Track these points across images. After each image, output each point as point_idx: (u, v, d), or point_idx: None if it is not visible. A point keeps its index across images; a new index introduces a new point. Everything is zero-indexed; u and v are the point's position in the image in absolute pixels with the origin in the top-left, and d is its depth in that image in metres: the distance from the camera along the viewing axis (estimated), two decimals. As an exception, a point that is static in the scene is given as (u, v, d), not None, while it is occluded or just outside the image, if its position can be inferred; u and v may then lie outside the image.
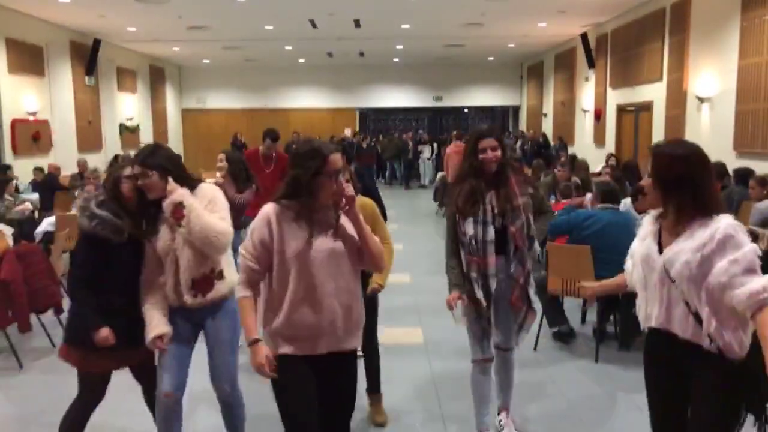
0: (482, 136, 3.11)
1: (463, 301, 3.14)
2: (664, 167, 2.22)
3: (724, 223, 2.12)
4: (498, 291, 3.17)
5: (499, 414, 3.56)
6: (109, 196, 2.91)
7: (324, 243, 2.38)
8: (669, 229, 2.28)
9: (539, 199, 3.31)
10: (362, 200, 3.52)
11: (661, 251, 2.27)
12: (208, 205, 2.90)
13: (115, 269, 2.88)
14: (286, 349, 2.40)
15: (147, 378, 3.13)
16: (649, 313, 2.34)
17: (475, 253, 3.09)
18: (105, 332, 2.81)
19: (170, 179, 2.83)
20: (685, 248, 2.17)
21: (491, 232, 3.08)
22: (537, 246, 3.19)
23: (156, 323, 2.85)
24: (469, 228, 3.09)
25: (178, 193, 2.81)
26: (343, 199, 2.37)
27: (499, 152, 3.09)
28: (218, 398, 3.14)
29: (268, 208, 2.41)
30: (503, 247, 3.13)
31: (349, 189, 2.39)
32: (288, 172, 2.44)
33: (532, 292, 3.23)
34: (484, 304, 3.13)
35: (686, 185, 2.18)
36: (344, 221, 2.45)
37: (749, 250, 2.08)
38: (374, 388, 3.85)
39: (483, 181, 3.11)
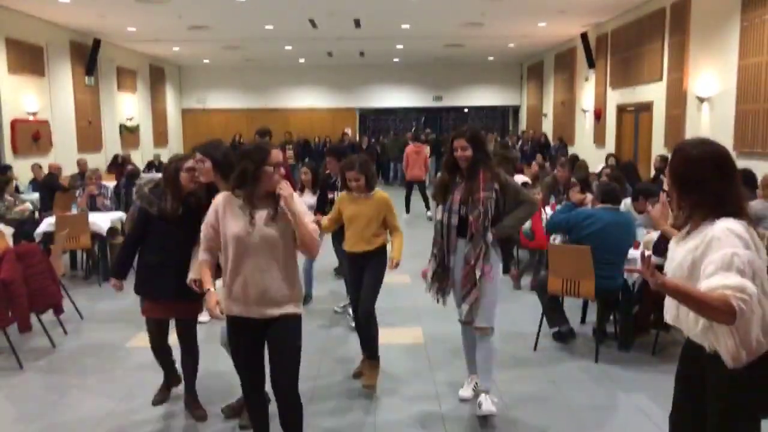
0: (455, 137, 3.62)
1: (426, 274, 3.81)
2: (679, 167, 2.21)
3: (719, 226, 2.07)
4: (456, 268, 3.67)
5: (478, 397, 3.73)
6: (167, 181, 3.64)
7: (261, 227, 2.81)
8: (685, 228, 2.27)
9: (513, 191, 3.65)
10: (379, 194, 4.21)
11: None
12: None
13: (152, 236, 3.67)
14: (229, 309, 2.90)
15: (185, 337, 3.74)
16: (667, 308, 2.31)
17: (440, 236, 3.68)
18: (112, 282, 3.77)
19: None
20: (683, 249, 2.16)
21: (455, 219, 3.60)
22: (489, 235, 3.57)
23: (194, 270, 3.37)
24: (438, 214, 3.70)
25: (287, 191, 3.15)
26: (278, 189, 2.78)
27: (468, 152, 3.55)
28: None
29: (220, 197, 2.92)
30: (464, 231, 3.59)
31: (284, 185, 2.80)
32: (236, 166, 2.87)
33: (479, 273, 3.58)
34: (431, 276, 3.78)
35: (697, 186, 2.14)
36: (286, 210, 2.85)
37: (730, 252, 1.98)
38: (369, 355, 4.24)
39: (459, 174, 3.63)
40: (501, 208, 3.59)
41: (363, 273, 4.21)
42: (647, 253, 2.14)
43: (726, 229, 2.04)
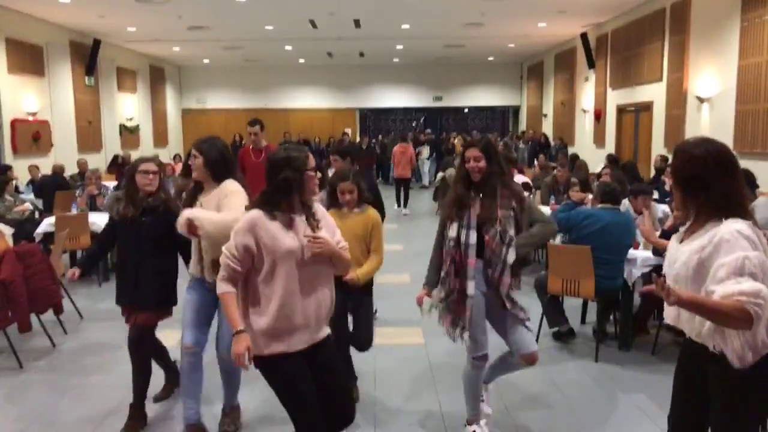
0: (468, 146, 3.28)
1: (428, 299, 3.44)
2: (682, 166, 2.19)
3: (726, 227, 2.05)
4: (476, 294, 3.30)
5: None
6: (126, 184, 3.62)
7: (303, 239, 2.55)
8: (689, 228, 2.26)
9: (529, 211, 3.32)
10: (369, 211, 3.84)
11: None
12: (224, 199, 3.21)
13: (119, 241, 3.69)
14: (274, 348, 2.52)
15: (136, 344, 3.60)
16: (670, 311, 2.29)
17: (452, 253, 3.27)
18: (70, 271, 3.71)
19: (186, 215, 3.15)
20: (688, 249, 2.15)
21: (473, 237, 3.23)
22: (510, 256, 3.22)
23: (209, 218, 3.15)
24: (453, 231, 3.28)
25: (184, 213, 3.15)
26: (314, 244, 2.53)
27: (482, 163, 3.20)
28: (219, 365, 3.54)
29: (254, 214, 2.54)
30: (482, 251, 3.25)
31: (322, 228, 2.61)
32: (270, 179, 2.57)
33: (513, 293, 3.29)
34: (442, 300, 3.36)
35: (701, 186, 2.13)
36: (323, 224, 2.64)
37: (741, 255, 1.98)
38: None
39: (473, 187, 3.27)
40: (519, 227, 3.27)
41: (349, 302, 3.80)
42: (659, 277, 2.05)
43: (735, 231, 2.03)
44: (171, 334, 4.22)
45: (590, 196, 6.99)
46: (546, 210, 7.30)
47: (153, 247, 3.55)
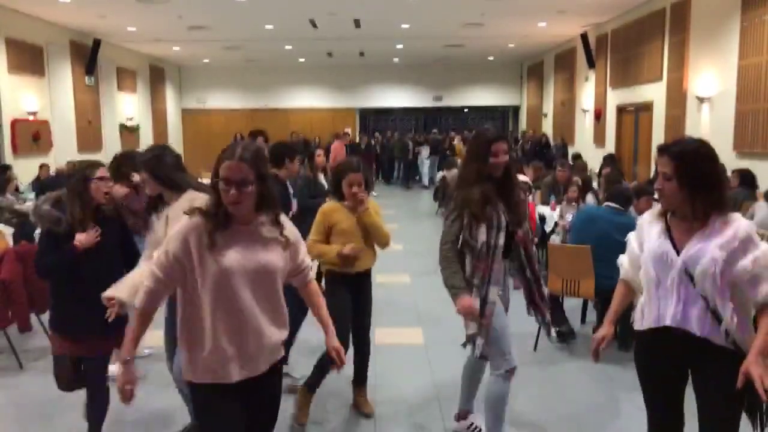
0: (494, 140, 3.01)
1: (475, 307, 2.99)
2: (692, 166, 2.23)
3: (743, 222, 2.21)
4: (504, 298, 3.21)
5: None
6: (73, 194, 3.12)
7: (252, 257, 2.17)
8: (681, 226, 2.30)
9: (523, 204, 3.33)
10: (371, 201, 3.69)
11: (676, 249, 2.28)
12: (167, 227, 2.90)
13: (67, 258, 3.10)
14: (203, 378, 2.19)
15: (93, 380, 3.21)
16: (662, 312, 2.33)
17: (484, 258, 3.00)
18: None
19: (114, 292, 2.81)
20: (709, 246, 2.20)
21: (502, 238, 3.05)
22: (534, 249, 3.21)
23: (123, 289, 2.81)
24: (482, 234, 2.99)
25: (106, 294, 2.81)
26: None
27: (507, 157, 3.05)
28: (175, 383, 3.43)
29: (193, 222, 2.16)
30: (508, 252, 3.15)
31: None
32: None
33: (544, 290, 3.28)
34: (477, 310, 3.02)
35: (711, 183, 2.22)
36: (287, 232, 2.29)
37: (766, 249, 2.18)
38: (361, 381, 3.96)
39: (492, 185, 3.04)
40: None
41: (357, 297, 3.71)
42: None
43: (750, 225, 2.23)
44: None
45: (590, 196, 6.99)
46: (546, 210, 7.31)
47: (112, 262, 3.16)
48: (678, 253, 2.27)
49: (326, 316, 2.48)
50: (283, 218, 2.30)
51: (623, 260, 2.59)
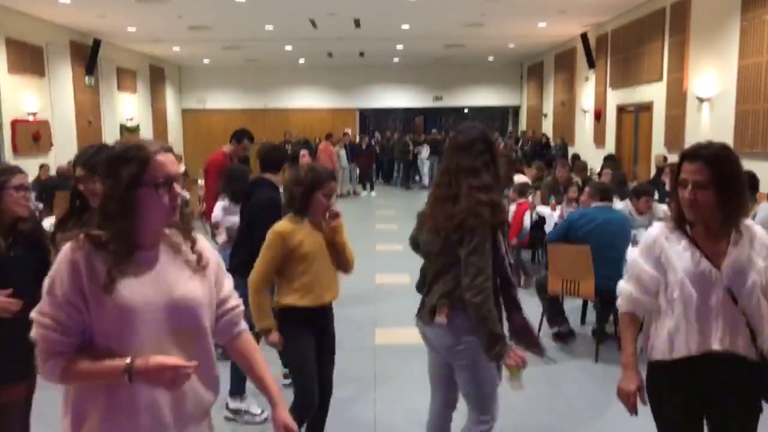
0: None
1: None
2: (728, 171, 2.06)
3: (759, 227, 2.14)
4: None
5: None
6: None
7: (161, 292, 1.63)
8: (707, 237, 2.11)
9: None
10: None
11: (714, 264, 2.07)
12: None
13: None
14: None
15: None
16: (705, 336, 2.07)
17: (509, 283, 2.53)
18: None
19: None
20: (744, 256, 2.06)
21: (512, 257, 2.74)
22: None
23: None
24: (503, 248, 2.51)
25: None
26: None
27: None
28: None
29: (74, 249, 1.60)
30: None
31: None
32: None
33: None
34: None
35: (740, 187, 2.08)
36: (202, 252, 1.75)
37: None
38: None
39: None
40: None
41: (320, 338, 3.11)
42: None
43: (761, 228, 2.16)
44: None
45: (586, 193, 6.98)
46: (546, 210, 7.31)
47: (31, 290, 2.15)
48: (717, 268, 2.07)
49: (271, 381, 1.84)
50: (198, 236, 1.78)
51: (627, 288, 2.27)
